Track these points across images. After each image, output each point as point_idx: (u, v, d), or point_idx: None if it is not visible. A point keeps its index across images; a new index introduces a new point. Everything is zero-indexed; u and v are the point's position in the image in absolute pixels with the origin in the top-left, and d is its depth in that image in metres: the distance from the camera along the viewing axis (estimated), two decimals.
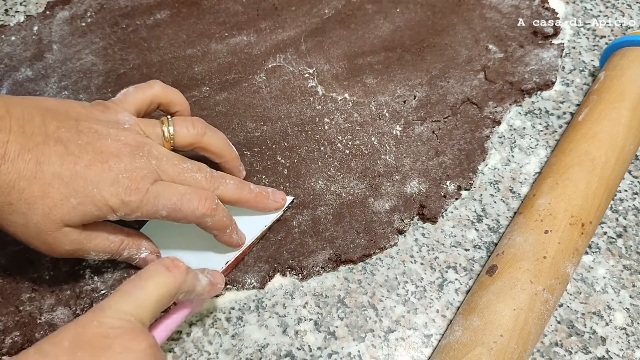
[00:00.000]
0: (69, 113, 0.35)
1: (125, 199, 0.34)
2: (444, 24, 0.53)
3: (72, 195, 0.33)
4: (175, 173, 0.36)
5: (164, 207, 0.35)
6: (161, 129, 0.37)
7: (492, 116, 0.48)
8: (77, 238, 0.34)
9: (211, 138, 0.39)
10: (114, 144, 0.35)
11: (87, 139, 0.34)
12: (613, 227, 0.43)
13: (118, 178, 0.34)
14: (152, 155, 0.35)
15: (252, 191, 0.40)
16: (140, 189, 0.34)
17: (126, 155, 0.34)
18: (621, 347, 0.38)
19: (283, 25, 0.53)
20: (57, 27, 0.53)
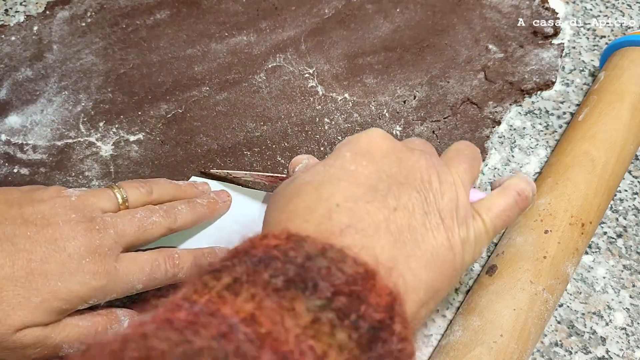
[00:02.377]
0: (9, 201, 0.32)
1: (96, 285, 0.31)
2: (444, 24, 0.53)
3: (33, 294, 0.30)
4: (134, 229, 0.34)
5: (139, 280, 0.33)
6: (113, 194, 0.35)
7: (492, 116, 0.48)
8: (42, 334, 0.31)
9: (159, 190, 0.37)
10: (66, 225, 0.32)
11: (35, 228, 0.31)
12: (613, 227, 0.43)
13: (81, 265, 0.31)
14: (107, 223, 0.33)
15: (203, 204, 0.38)
16: (108, 270, 0.32)
17: (82, 235, 0.32)
18: (621, 347, 0.38)
19: (283, 25, 0.53)
20: (57, 27, 0.53)
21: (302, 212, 0.26)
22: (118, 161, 0.45)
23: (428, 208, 0.27)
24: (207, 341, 0.18)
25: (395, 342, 0.22)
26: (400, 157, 0.28)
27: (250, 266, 0.22)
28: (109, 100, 0.48)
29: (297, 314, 0.21)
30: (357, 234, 0.25)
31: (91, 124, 0.47)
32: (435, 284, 0.26)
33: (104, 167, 0.45)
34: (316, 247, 0.23)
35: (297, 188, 0.28)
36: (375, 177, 0.27)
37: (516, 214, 0.31)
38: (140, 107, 0.48)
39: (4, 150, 0.46)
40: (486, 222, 0.29)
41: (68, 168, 0.45)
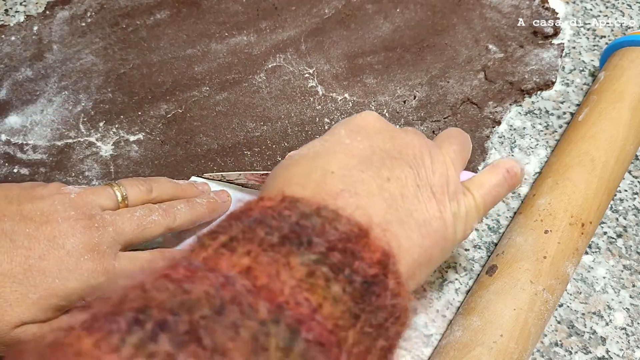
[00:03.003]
0: (8, 198, 0.32)
1: (93, 283, 0.31)
2: (444, 24, 0.53)
3: (31, 291, 0.30)
4: (133, 227, 0.34)
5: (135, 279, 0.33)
6: (113, 192, 0.35)
7: (492, 116, 0.48)
8: (39, 331, 0.31)
9: (158, 189, 0.37)
10: (65, 223, 0.32)
11: (34, 225, 0.31)
12: (613, 227, 0.43)
13: (80, 262, 0.31)
14: (106, 221, 0.33)
15: (202, 204, 0.38)
16: (106, 268, 0.32)
17: (81, 232, 0.32)
18: (621, 347, 0.38)
19: (283, 25, 0.53)
20: (57, 27, 0.53)
21: (298, 178, 0.27)
22: (118, 161, 0.45)
23: (420, 182, 0.28)
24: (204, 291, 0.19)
25: (388, 297, 0.23)
26: (393, 135, 0.30)
27: (246, 225, 0.23)
28: (109, 100, 0.48)
29: (292, 267, 0.22)
30: (351, 197, 0.26)
31: (91, 124, 0.47)
32: (428, 251, 0.27)
33: (104, 167, 0.45)
34: (310, 207, 0.24)
35: (294, 160, 0.29)
36: (370, 151, 0.28)
37: (506, 190, 0.32)
38: (140, 107, 0.48)
39: (4, 150, 0.46)
40: (476, 198, 0.31)
41: (68, 168, 0.45)
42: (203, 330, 0.18)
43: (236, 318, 0.19)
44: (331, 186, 0.26)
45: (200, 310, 0.18)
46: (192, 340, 0.17)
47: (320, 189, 0.26)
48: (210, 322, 0.18)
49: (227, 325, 0.18)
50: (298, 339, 0.19)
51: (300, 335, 0.19)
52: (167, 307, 0.18)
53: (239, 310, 0.19)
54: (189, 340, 0.17)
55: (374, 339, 0.23)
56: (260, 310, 0.19)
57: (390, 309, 0.23)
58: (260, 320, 0.19)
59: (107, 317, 0.18)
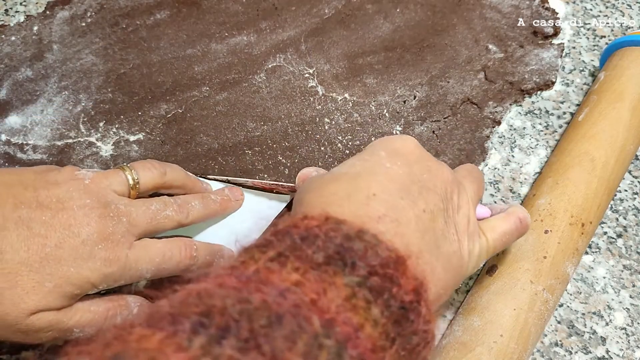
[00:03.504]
0: (23, 183, 0.32)
1: (106, 271, 0.32)
2: (444, 24, 0.53)
3: (47, 279, 0.30)
4: (147, 220, 0.34)
5: (148, 270, 0.34)
6: (124, 176, 0.35)
7: (492, 116, 0.48)
8: (55, 319, 0.31)
9: (172, 174, 0.37)
10: (81, 211, 0.32)
11: (50, 213, 0.31)
12: (613, 227, 0.43)
13: (94, 251, 0.31)
14: (120, 211, 0.33)
15: (216, 201, 0.39)
16: (119, 257, 0.32)
17: (96, 222, 0.32)
18: (621, 347, 0.38)
19: (283, 25, 0.53)
20: (57, 27, 0.53)
21: (340, 198, 0.28)
22: (118, 161, 0.45)
23: (447, 219, 0.30)
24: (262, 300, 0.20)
25: (421, 322, 0.25)
26: (430, 166, 0.31)
27: (294, 242, 0.24)
28: (109, 100, 0.48)
29: (338, 287, 0.23)
30: (391, 222, 0.27)
31: (91, 124, 0.47)
32: (447, 283, 0.29)
33: (104, 167, 0.45)
34: (353, 229, 0.25)
35: (334, 176, 0.30)
36: (408, 179, 0.29)
37: (515, 238, 0.35)
38: (140, 107, 0.48)
39: (4, 150, 0.46)
40: (489, 241, 0.33)
41: None
42: (263, 338, 0.19)
43: (293, 329, 0.20)
44: (373, 209, 0.27)
45: (260, 319, 0.19)
46: (253, 346, 0.18)
47: (362, 212, 0.27)
48: (270, 330, 0.19)
49: (285, 335, 0.19)
50: (345, 354, 0.20)
51: (347, 351, 0.20)
52: (229, 313, 0.19)
53: (295, 322, 0.20)
54: (250, 346, 0.18)
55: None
56: (314, 323, 0.20)
57: (422, 334, 0.25)
58: (313, 333, 0.20)
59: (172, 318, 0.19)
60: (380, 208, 0.27)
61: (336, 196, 0.28)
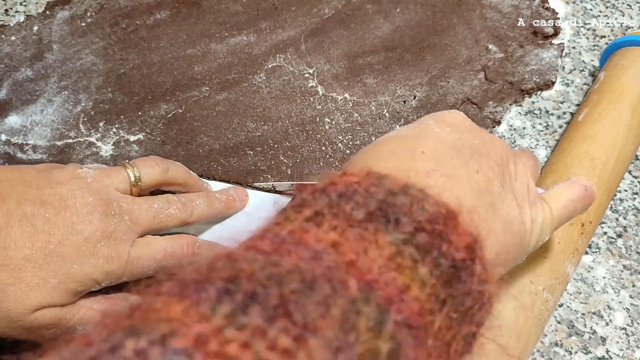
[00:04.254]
0: (27, 181, 0.33)
1: (108, 268, 0.32)
2: (444, 24, 0.53)
3: (50, 276, 0.31)
4: (149, 219, 0.34)
5: (150, 267, 0.34)
6: (126, 173, 0.35)
7: (492, 116, 0.48)
8: (58, 315, 0.32)
9: (174, 171, 0.38)
10: (84, 209, 0.32)
11: (53, 210, 0.32)
12: (613, 227, 0.43)
13: (97, 249, 0.32)
14: (123, 209, 0.34)
15: (220, 200, 0.39)
16: (121, 255, 0.32)
17: (98, 219, 0.32)
18: (621, 347, 0.38)
19: (283, 25, 0.53)
20: (57, 27, 0.53)
21: (386, 155, 0.26)
22: (118, 161, 0.45)
23: (504, 184, 0.28)
24: (294, 264, 0.19)
25: (475, 282, 0.23)
26: (482, 135, 0.29)
27: (332, 200, 0.22)
28: (109, 100, 0.48)
29: (380, 246, 0.21)
30: (441, 177, 0.25)
31: (91, 124, 0.47)
32: (509, 248, 0.27)
33: None
34: (397, 184, 0.23)
35: (381, 139, 0.28)
36: (459, 142, 0.27)
37: (581, 207, 0.32)
38: (140, 107, 0.48)
39: (4, 150, 0.46)
40: (553, 210, 0.30)
41: None
42: (293, 305, 0.17)
43: (327, 294, 0.18)
44: (421, 164, 0.25)
45: (291, 284, 0.18)
46: (282, 314, 0.17)
47: (409, 167, 0.25)
48: (301, 296, 0.17)
49: (318, 301, 0.18)
50: (387, 319, 0.19)
51: (390, 315, 0.19)
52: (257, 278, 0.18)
53: (329, 286, 0.18)
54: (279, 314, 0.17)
55: (459, 325, 0.22)
56: (350, 287, 0.19)
57: (476, 295, 0.23)
58: (350, 298, 0.18)
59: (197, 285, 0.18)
60: (429, 163, 0.25)
61: (382, 153, 0.27)
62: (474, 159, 0.27)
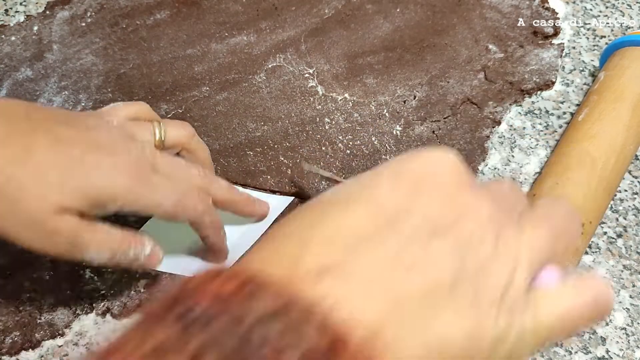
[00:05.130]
0: (54, 111, 0.35)
1: (128, 184, 0.33)
2: (444, 24, 0.53)
3: (70, 179, 0.31)
4: (169, 168, 0.35)
5: (168, 199, 0.34)
6: (152, 129, 0.37)
7: (492, 116, 0.48)
8: (76, 227, 0.32)
9: (199, 143, 0.39)
10: (108, 134, 0.34)
11: (76, 130, 0.33)
12: (613, 227, 0.43)
13: (117, 164, 0.33)
14: (146, 150, 0.35)
15: (242, 194, 0.39)
16: (141, 177, 0.33)
17: (121, 145, 0.34)
18: (621, 347, 0.38)
19: (283, 25, 0.53)
20: (57, 27, 0.53)
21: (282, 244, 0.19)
22: None
23: (461, 277, 0.19)
24: None
25: None
26: (456, 194, 0.20)
27: (180, 329, 0.16)
28: (109, 100, 0.48)
29: None
30: (338, 280, 0.17)
31: None
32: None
33: None
34: (275, 302, 0.16)
35: (307, 206, 0.21)
36: (405, 215, 0.19)
37: (585, 322, 0.21)
38: None
39: None
40: (541, 319, 0.20)
41: None
42: None
43: None
44: (315, 258, 0.18)
45: None
46: None
47: (296, 262, 0.18)
48: None
49: None
50: None
51: None
52: None
53: None
54: None
55: None
56: None
57: None
58: None
59: None
60: (330, 254, 0.18)
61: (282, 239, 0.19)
62: (417, 243, 0.18)
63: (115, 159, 0.33)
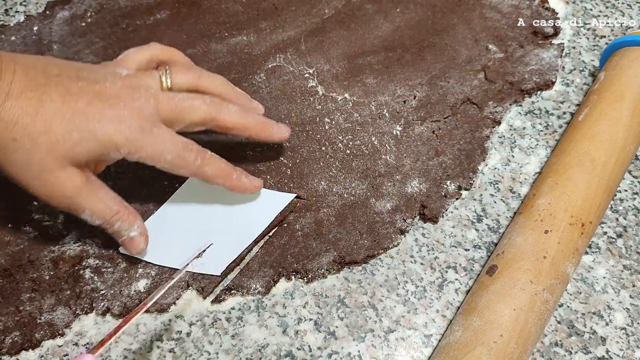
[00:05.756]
0: (70, 65, 0.37)
1: (130, 136, 0.35)
2: (444, 24, 0.53)
3: (75, 130, 0.34)
4: (173, 106, 0.37)
5: (169, 151, 0.36)
6: (158, 76, 0.39)
7: (492, 116, 0.48)
8: (79, 186, 0.35)
9: (208, 79, 0.41)
10: (113, 86, 0.36)
11: (86, 83, 0.36)
12: (613, 227, 0.43)
13: (120, 115, 0.35)
14: (149, 94, 0.37)
15: (257, 119, 0.41)
16: (144, 127, 0.35)
17: (126, 96, 0.36)
18: (621, 347, 0.38)
19: (283, 25, 0.53)
20: (57, 27, 0.53)
21: None
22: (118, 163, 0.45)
23: None
24: None
25: None
26: None
27: None
28: None
29: None
30: None
31: None
32: None
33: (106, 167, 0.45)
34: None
35: None
36: None
37: None
38: None
39: None
40: None
41: None
42: None
43: None
44: None
45: None
46: None
47: None
48: None
49: None
50: None
51: None
52: None
53: None
54: None
55: None
56: None
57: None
58: None
59: None
60: None
61: None
62: None
63: (117, 110, 0.35)
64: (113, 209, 0.37)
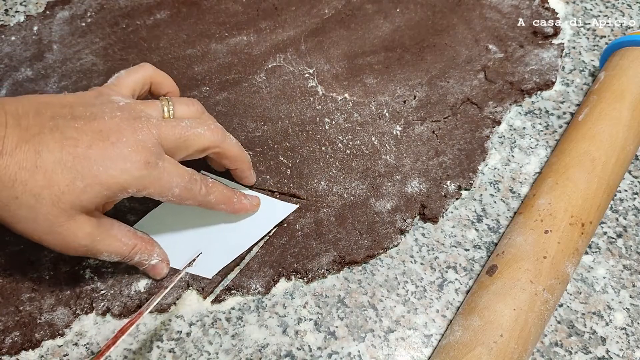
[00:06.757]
0: (62, 103, 0.35)
1: (136, 174, 0.33)
2: (444, 24, 0.53)
3: (78, 178, 0.32)
4: (177, 135, 0.36)
5: (177, 185, 0.35)
6: (160, 106, 0.37)
7: (492, 116, 0.48)
8: (92, 232, 0.34)
9: (210, 117, 0.40)
10: (112, 120, 0.34)
11: (83, 122, 0.34)
12: (613, 227, 0.43)
13: (124, 153, 0.33)
14: (151, 124, 0.35)
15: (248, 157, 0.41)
16: (149, 162, 0.34)
17: (126, 130, 0.34)
18: (621, 347, 0.38)
19: (283, 25, 0.53)
20: (57, 27, 0.53)
21: None
22: None
23: None
24: None
25: None
26: None
27: None
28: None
29: None
30: None
31: None
32: None
33: None
34: None
35: None
36: None
37: None
38: None
39: None
40: None
41: None
42: None
43: None
44: None
45: None
46: None
47: None
48: None
49: None
50: None
51: None
52: None
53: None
54: None
55: None
56: None
57: None
58: None
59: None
60: None
61: None
62: None
63: (120, 148, 0.33)
64: (129, 244, 0.36)
